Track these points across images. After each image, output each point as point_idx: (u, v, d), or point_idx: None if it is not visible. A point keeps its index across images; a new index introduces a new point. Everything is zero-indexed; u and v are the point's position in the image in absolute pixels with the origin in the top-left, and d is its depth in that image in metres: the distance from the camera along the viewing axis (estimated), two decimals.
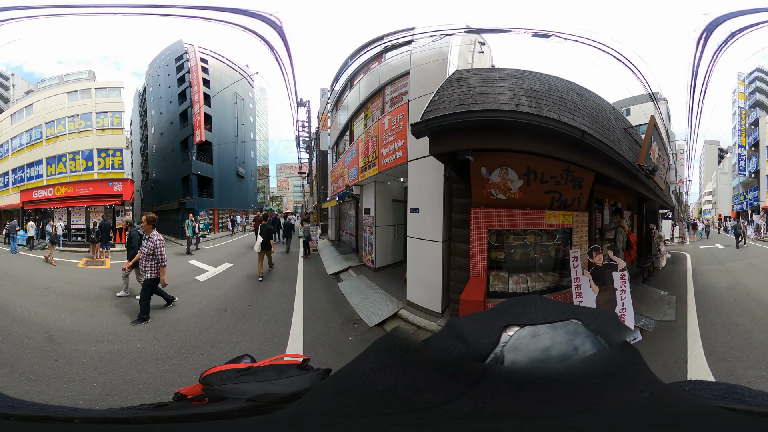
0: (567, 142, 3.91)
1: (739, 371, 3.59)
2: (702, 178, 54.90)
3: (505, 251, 5.17)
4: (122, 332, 4.79)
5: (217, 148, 23.11)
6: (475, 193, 4.95)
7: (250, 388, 0.91)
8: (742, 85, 31.65)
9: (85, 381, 3.39)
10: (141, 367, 3.71)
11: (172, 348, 4.26)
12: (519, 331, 0.71)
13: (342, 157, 12.08)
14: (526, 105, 3.97)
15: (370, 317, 5.56)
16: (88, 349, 4.14)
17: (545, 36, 8.20)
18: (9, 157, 19.17)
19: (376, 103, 8.78)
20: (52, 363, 3.72)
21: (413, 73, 6.51)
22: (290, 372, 1.05)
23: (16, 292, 6.77)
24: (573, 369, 0.64)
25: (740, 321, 5.12)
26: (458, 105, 4.03)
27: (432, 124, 3.84)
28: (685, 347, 4.23)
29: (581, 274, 4.89)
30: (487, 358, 0.67)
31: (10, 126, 19.47)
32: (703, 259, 11.57)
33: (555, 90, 4.77)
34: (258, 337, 4.77)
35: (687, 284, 7.69)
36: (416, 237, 6.17)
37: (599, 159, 4.33)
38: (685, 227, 19.13)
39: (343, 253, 11.74)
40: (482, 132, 3.90)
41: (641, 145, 5.77)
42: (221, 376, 1.04)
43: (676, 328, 4.97)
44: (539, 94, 4.37)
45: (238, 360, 1.24)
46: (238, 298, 6.64)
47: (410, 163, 6.29)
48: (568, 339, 0.70)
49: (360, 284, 7.70)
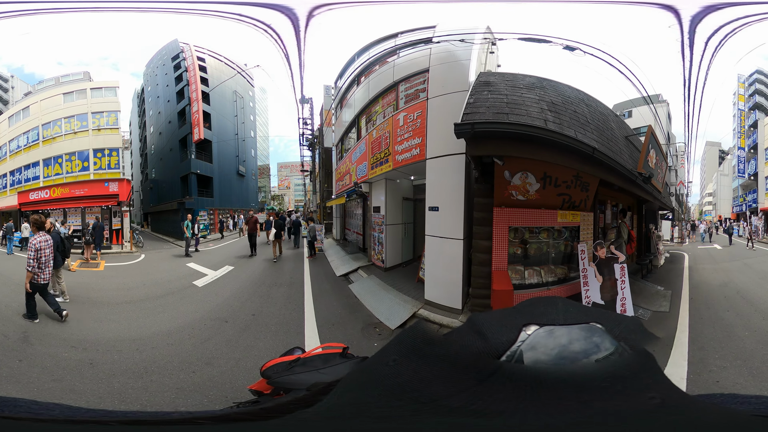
0: (580, 155, 4.63)
1: (709, 359, 3.91)
2: (703, 180, 54.96)
3: (522, 247, 5.69)
4: (102, 340, 4.42)
5: (216, 146, 22.66)
6: (498, 193, 5.39)
7: (305, 377, 1.00)
8: (742, 87, 31.68)
9: (34, 384, 3.22)
10: (106, 381, 3.37)
11: (156, 363, 3.80)
12: (537, 330, 0.71)
13: (349, 154, 11.76)
14: (551, 120, 4.60)
15: (389, 319, 5.36)
16: (58, 354, 3.92)
17: (571, 49, 7.54)
18: (7, 159, 19.10)
19: (387, 99, 8.57)
20: (15, 363, 3.61)
21: (433, 72, 6.52)
22: (334, 360, 1.12)
23: (6, 292, 6.55)
24: (582, 372, 0.64)
25: (725, 316, 5.50)
26: (497, 113, 4.52)
27: (478, 128, 4.28)
28: (674, 336, 4.62)
29: (588, 266, 5.46)
30: (502, 355, 0.68)
31: (7, 128, 19.42)
32: (701, 258, 11.90)
33: (570, 103, 5.47)
34: (266, 352, 4.07)
35: (683, 281, 8.07)
36: (435, 235, 6.13)
37: (604, 169, 5.10)
38: (685, 228, 19.83)
39: (350, 253, 11.43)
40: (517, 142, 4.43)
41: (640, 152, 6.26)
42: (276, 369, 1.12)
43: (669, 318, 5.43)
44: (558, 108, 5.03)
45: (291, 352, 1.32)
46: (240, 306, 6.01)
47: (429, 161, 6.27)
48: (584, 342, 0.69)
49: (372, 285, 7.40)
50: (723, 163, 40.98)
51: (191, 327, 5.00)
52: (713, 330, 4.85)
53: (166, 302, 6.33)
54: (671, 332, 4.73)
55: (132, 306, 6.07)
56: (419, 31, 7.73)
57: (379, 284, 7.35)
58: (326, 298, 6.41)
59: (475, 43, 6.38)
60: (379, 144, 8.38)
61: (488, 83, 5.43)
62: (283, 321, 5.26)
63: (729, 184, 37.45)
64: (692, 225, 23.49)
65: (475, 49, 6.30)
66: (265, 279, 8.15)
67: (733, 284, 7.72)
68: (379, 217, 9.15)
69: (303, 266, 9.54)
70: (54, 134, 17.78)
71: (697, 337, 4.51)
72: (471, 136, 4.33)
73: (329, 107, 15.76)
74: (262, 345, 4.37)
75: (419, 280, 7.03)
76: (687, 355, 3.98)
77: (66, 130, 17.60)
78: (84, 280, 8.15)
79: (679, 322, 5.13)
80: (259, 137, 41.26)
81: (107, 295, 6.77)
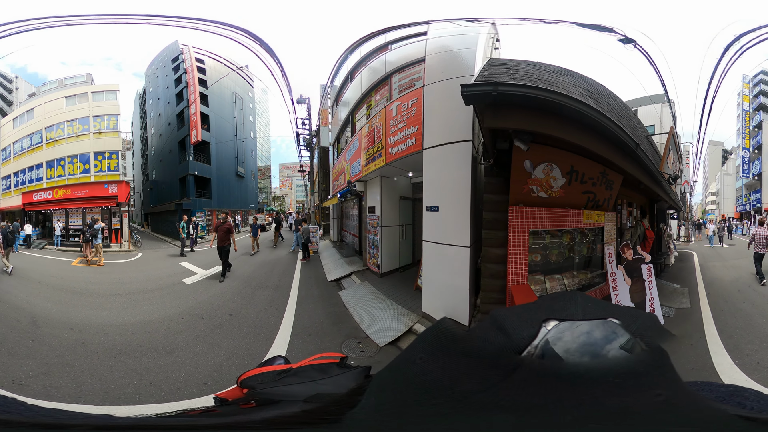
0: (622, 150, 4.00)
1: (741, 345, 4.33)
2: (706, 179, 54.33)
3: (542, 253, 4.87)
4: (93, 324, 5.06)
5: (215, 147, 22.68)
6: (515, 188, 4.44)
7: (299, 389, 0.92)
8: (746, 88, 31.29)
9: (45, 359, 3.83)
10: (89, 357, 3.96)
11: (130, 346, 4.31)
12: (557, 325, 0.71)
13: (343, 152, 11.50)
14: (594, 106, 3.60)
15: (378, 334, 4.74)
16: (59, 335, 4.59)
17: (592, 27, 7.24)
18: (11, 160, 19.45)
19: (381, 92, 8.11)
20: (29, 342, 4.30)
21: (430, 60, 5.77)
22: (332, 371, 1.06)
23: (14, 284, 7.37)
24: (595, 367, 0.64)
25: (743, 307, 5.93)
26: (529, 82, 3.46)
27: (502, 90, 3.17)
28: (703, 328, 4.95)
29: (616, 269, 5.09)
30: (523, 351, 0.68)
31: (12, 130, 19.78)
32: (709, 257, 12.12)
33: (602, 95, 4.63)
34: (225, 352, 4.16)
35: (696, 278, 8.37)
36: (435, 241, 5.20)
37: (640, 166, 4.63)
38: (691, 227, 19.47)
39: (346, 256, 11.02)
40: (555, 118, 3.40)
41: (656, 151, 6.03)
42: (262, 379, 1.05)
43: (692, 313, 5.69)
44: (595, 97, 4.08)
45: (271, 362, 1.23)
46: (221, 306, 6.07)
47: (426, 151, 5.39)
48: (600, 337, 0.69)
49: (365, 293, 6.87)
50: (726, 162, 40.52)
51: (170, 319, 5.37)
52: (735, 320, 5.27)
53: (154, 296, 6.73)
54: (699, 326, 5.09)
55: (123, 297, 6.68)
56: (411, 27, 7.42)
57: (373, 292, 6.77)
58: (311, 305, 6.15)
59: (481, 33, 5.77)
60: (372, 139, 7.78)
61: (506, 64, 4.38)
62: (258, 324, 5.17)
63: (732, 184, 37.14)
64: (697, 224, 23.09)
65: (481, 37, 5.65)
66: (253, 281, 8.05)
67: (744, 279, 8.06)
68: (374, 218, 8.52)
69: (294, 269, 9.35)
70: (57, 137, 18.08)
71: (723, 328, 4.90)
72: (491, 99, 3.19)
73: (325, 106, 15.66)
74: (227, 344, 4.42)
75: (417, 287, 6.40)
76: (722, 343, 4.36)
77: (68, 133, 17.87)
78: (84, 275, 8.95)
79: (704, 316, 5.47)
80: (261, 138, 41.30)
81: (103, 288, 7.46)
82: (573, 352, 0.67)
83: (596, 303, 0.85)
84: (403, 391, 0.59)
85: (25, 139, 18.83)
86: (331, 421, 0.59)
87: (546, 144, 4.19)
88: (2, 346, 4.10)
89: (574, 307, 0.80)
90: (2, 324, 4.86)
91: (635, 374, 0.59)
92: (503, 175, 4.44)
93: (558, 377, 0.60)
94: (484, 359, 0.66)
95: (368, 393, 0.60)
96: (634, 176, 4.83)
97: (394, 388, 0.61)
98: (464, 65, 5.14)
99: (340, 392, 0.75)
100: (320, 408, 0.71)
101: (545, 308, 0.82)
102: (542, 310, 0.80)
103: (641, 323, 0.77)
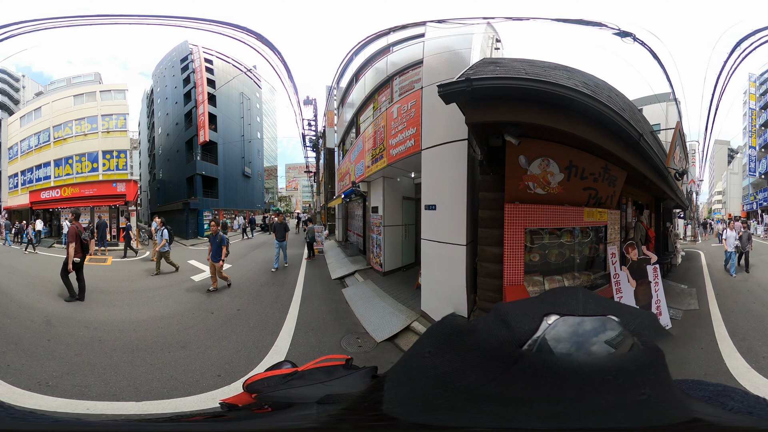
0: (624, 141, 3.83)
1: (756, 347, 4.17)
2: (712, 178, 53.80)
3: (540, 252, 4.69)
4: (108, 321, 5.07)
5: (222, 147, 22.88)
6: (510, 185, 4.32)
7: (308, 391, 0.94)
8: (753, 87, 30.95)
9: (65, 359, 3.75)
10: (109, 354, 3.94)
11: (145, 342, 4.37)
12: (557, 320, 0.73)
13: (348, 153, 11.68)
14: (583, 90, 3.48)
15: (377, 330, 4.85)
16: (75, 333, 4.57)
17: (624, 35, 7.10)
18: (19, 159, 19.60)
19: (383, 95, 8.28)
20: (46, 342, 4.21)
21: (427, 62, 5.91)
22: (338, 372, 1.07)
23: (23, 283, 7.33)
24: (589, 364, 0.65)
25: (753, 307, 5.81)
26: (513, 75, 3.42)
27: (477, 84, 3.10)
28: (713, 331, 4.75)
29: (619, 270, 4.93)
30: (524, 344, 0.69)
31: (19, 129, 19.89)
32: (716, 256, 11.89)
33: (601, 88, 4.44)
34: (235, 345, 4.31)
35: (704, 278, 8.17)
36: (433, 240, 5.30)
37: (645, 160, 4.44)
38: (697, 226, 19.32)
39: (350, 255, 11.19)
40: (542, 107, 3.27)
41: (662, 148, 5.85)
42: (268, 383, 1.06)
43: (702, 315, 5.48)
44: (593, 89, 3.89)
45: (279, 366, 1.25)
46: (229, 301, 6.20)
47: (424, 151, 5.54)
48: (598, 334, 0.71)
49: (367, 291, 7.01)
50: (733, 161, 40.06)
51: (180, 315, 5.46)
52: (746, 321, 5.12)
53: (164, 293, 6.85)
54: (709, 328, 4.87)
55: (134, 294, 6.73)
56: (410, 29, 7.50)
57: (375, 290, 6.92)
58: (315, 302, 6.26)
59: (476, 33, 5.83)
60: (375, 140, 7.96)
61: (496, 62, 4.31)
62: (264, 319, 5.29)
63: (739, 183, 36.83)
64: (704, 224, 22.84)
65: (476, 36, 5.68)
66: (259, 278, 8.18)
67: (754, 279, 7.97)
68: (377, 218, 8.67)
69: (299, 268, 9.52)
70: (65, 135, 18.21)
71: (735, 330, 4.74)
72: (468, 96, 3.13)
73: (331, 108, 15.76)
74: (236, 338, 4.53)
75: (418, 286, 6.40)
76: (734, 346, 4.20)
77: (77, 132, 18.00)
78: (92, 272, 8.70)
79: (713, 318, 5.29)
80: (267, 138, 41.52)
81: (113, 285, 7.50)
82: (569, 348, 0.69)
83: (597, 300, 0.86)
84: (415, 385, 0.61)
85: (32, 138, 19.01)
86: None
87: (541, 138, 4.06)
88: (18, 347, 3.98)
89: (574, 303, 0.81)
90: (16, 324, 4.75)
91: (627, 372, 0.60)
92: (499, 172, 4.36)
93: (553, 372, 0.61)
94: (486, 353, 0.67)
95: (387, 386, 0.61)
96: (639, 170, 4.63)
97: (409, 381, 0.64)
98: (460, 66, 5.11)
99: (352, 392, 0.77)
100: (357, 402, 0.72)
101: (547, 303, 0.83)
102: (544, 304, 0.82)
103: (639, 322, 0.78)
